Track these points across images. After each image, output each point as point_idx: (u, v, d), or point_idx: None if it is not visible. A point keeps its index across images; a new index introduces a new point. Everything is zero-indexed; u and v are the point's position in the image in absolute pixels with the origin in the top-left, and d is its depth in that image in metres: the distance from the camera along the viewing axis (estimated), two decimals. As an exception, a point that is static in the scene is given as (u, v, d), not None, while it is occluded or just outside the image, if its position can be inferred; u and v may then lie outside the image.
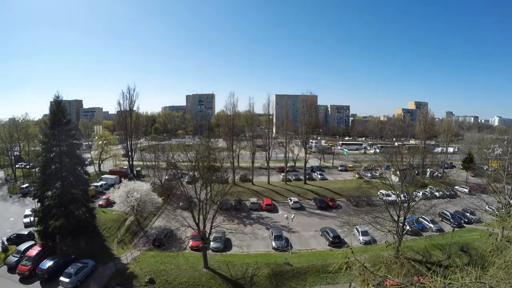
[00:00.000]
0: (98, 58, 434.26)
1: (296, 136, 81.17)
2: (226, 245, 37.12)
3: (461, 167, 73.17)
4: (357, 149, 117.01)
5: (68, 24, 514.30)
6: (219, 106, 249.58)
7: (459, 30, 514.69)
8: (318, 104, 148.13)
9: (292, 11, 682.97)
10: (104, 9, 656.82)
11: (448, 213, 46.01)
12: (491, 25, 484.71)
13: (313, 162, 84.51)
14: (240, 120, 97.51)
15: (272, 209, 50.22)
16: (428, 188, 58.95)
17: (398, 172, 35.72)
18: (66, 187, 34.01)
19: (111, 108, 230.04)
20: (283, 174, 68.95)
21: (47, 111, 51.35)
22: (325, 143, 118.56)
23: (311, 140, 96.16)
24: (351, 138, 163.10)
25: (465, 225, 44.57)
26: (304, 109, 68.22)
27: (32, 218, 39.26)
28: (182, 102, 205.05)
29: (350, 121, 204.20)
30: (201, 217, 29.56)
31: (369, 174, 67.83)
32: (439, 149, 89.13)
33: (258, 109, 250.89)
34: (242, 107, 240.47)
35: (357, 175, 71.10)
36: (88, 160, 69.60)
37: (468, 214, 46.74)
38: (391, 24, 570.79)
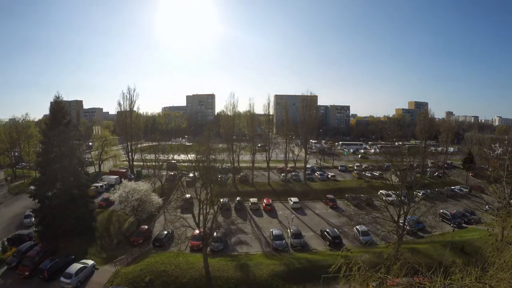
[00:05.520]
0: (98, 57, 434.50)
1: (296, 136, 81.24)
2: (226, 245, 37.12)
3: (461, 167, 73.14)
4: (357, 149, 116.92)
5: (68, 23, 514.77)
6: (219, 106, 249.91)
7: (459, 30, 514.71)
8: (318, 104, 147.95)
9: (291, 11, 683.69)
10: (104, 7, 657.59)
11: (448, 213, 46.00)
12: (491, 25, 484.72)
13: (314, 162, 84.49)
14: (240, 121, 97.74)
15: (272, 209, 50.20)
16: (428, 188, 58.84)
17: (398, 173, 35.72)
18: (66, 187, 34.05)
19: (111, 108, 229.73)
20: (283, 174, 68.94)
21: (47, 112, 51.58)
22: (325, 143, 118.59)
23: (311, 141, 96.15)
24: (350, 137, 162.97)
25: (465, 225, 44.55)
26: (304, 109, 68.22)
27: (32, 219, 39.34)
28: (183, 103, 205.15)
29: (350, 121, 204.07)
30: (201, 217, 29.59)
31: (369, 174, 67.80)
32: (439, 149, 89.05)
33: (258, 109, 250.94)
34: (242, 108, 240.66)
35: (357, 175, 71.04)
36: (89, 160, 69.62)
37: (468, 214, 46.71)
38: (390, 24, 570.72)
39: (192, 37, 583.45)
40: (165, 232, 38.13)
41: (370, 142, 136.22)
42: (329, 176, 69.51)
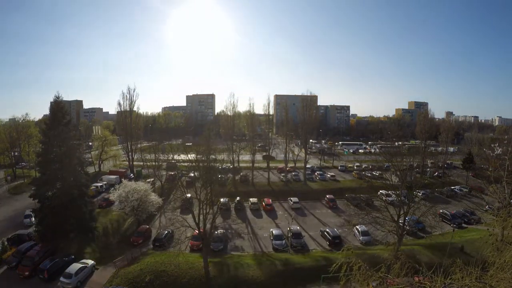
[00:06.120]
0: (98, 57, 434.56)
1: (296, 136, 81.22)
2: (226, 245, 37.12)
3: (461, 167, 73.17)
4: (357, 149, 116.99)
5: (69, 22, 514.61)
6: (219, 106, 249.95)
7: (459, 30, 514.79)
8: (318, 104, 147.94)
9: (291, 11, 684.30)
10: (105, 8, 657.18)
11: (448, 213, 46.00)
12: (491, 25, 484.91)
13: (313, 162, 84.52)
14: (240, 121, 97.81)
15: (272, 209, 50.18)
16: (428, 188, 58.82)
17: (398, 173, 35.74)
18: (66, 187, 34.00)
19: (111, 108, 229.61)
20: (283, 174, 68.92)
21: (47, 112, 51.44)
22: (325, 143, 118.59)
23: (311, 141, 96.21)
24: (350, 137, 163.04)
25: (465, 225, 44.54)
26: (304, 109, 68.24)
27: (32, 219, 39.33)
28: (183, 103, 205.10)
29: (350, 121, 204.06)
30: (201, 217, 29.59)
31: (369, 174, 67.76)
32: (439, 149, 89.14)
33: (258, 109, 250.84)
34: (242, 108, 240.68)
35: (357, 175, 71.00)
36: (88, 160, 69.60)
37: (468, 214, 46.70)
38: (390, 24, 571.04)
39: (192, 38, 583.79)
40: (165, 232, 38.11)
41: (370, 142, 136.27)
42: (329, 176, 69.50)
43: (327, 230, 39.17)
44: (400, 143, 67.28)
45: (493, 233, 12.32)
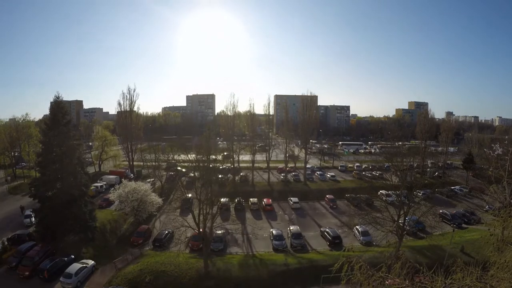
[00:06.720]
0: (99, 57, 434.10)
1: (296, 137, 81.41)
2: (226, 245, 37.11)
3: (462, 167, 73.16)
4: (357, 149, 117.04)
5: (69, 22, 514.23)
6: (219, 106, 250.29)
7: (459, 30, 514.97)
8: (318, 104, 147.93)
9: (290, 11, 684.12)
10: (106, 9, 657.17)
11: (448, 213, 46.00)
12: (491, 25, 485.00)
13: (313, 162, 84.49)
14: (240, 121, 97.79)
15: (272, 209, 50.15)
16: (428, 189, 58.80)
17: (398, 173, 35.73)
18: (66, 187, 33.97)
19: (111, 108, 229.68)
20: (283, 174, 68.92)
21: (47, 112, 51.26)
22: (325, 143, 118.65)
23: (311, 141, 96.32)
24: (351, 137, 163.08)
25: (465, 225, 44.54)
26: (304, 109, 68.28)
27: (32, 219, 39.31)
28: (183, 103, 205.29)
29: (350, 121, 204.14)
30: (201, 217, 29.59)
31: (369, 175, 67.73)
32: (439, 149, 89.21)
33: (259, 110, 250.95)
34: (242, 108, 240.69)
35: (357, 176, 70.96)
36: (89, 160, 69.59)
37: (468, 214, 46.69)
38: (390, 24, 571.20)
39: (193, 38, 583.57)
40: (165, 232, 38.12)
41: (370, 142, 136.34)
42: (329, 176, 69.47)
43: (327, 230, 39.15)
44: (400, 143, 67.13)
45: (494, 233, 12.34)
